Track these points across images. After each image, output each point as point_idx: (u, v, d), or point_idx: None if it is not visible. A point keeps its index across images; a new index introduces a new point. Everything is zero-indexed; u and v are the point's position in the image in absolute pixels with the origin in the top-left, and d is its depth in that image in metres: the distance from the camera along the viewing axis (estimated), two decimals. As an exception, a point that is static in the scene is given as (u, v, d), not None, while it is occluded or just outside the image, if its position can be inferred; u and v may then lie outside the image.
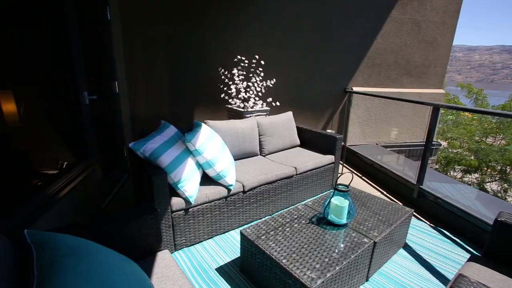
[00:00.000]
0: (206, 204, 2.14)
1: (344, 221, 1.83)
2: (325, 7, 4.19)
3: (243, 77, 3.62)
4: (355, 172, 3.93)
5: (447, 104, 3.30)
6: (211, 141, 2.24)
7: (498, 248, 1.44)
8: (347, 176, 3.32)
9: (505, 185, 7.78)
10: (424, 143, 2.89)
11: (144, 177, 1.96)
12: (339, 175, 3.09)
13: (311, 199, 2.46)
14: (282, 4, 3.96)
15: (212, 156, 2.16)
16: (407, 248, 2.19)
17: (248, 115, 3.36)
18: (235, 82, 3.58)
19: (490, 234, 1.46)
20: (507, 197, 7.64)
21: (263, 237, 1.71)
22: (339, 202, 1.81)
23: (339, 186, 1.85)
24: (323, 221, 1.91)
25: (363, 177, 3.76)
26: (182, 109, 3.90)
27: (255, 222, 2.16)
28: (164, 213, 1.92)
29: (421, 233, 2.40)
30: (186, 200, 2.02)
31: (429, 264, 2.01)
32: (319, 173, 2.94)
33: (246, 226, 2.37)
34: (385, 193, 3.29)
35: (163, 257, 1.40)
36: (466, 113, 9.62)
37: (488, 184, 8.13)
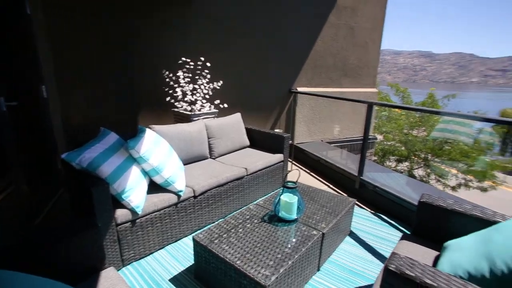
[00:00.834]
0: (155, 213, 2.03)
1: (294, 216, 1.91)
2: (271, 9, 4.33)
3: (189, 80, 3.52)
4: (304, 168, 4.13)
5: (379, 102, 3.67)
6: (157, 147, 2.13)
7: (422, 226, 1.65)
8: (295, 173, 3.47)
9: (428, 170, 8.98)
10: (362, 137, 3.17)
11: (83, 189, 1.78)
12: (287, 172, 3.21)
13: (262, 198, 2.50)
14: (226, 6, 3.97)
15: (158, 163, 2.06)
16: (352, 235, 2.37)
17: (196, 118, 3.29)
18: (181, 84, 3.47)
19: (416, 214, 1.67)
20: (429, 180, 8.83)
21: (216, 241, 1.69)
22: (289, 198, 1.88)
23: (288, 183, 1.92)
24: (274, 218, 1.96)
25: (311, 173, 3.97)
26: (124, 114, 3.63)
27: (208, 226, 2.13)
28: (107, 227, 1.77)
29: (363, 220, 2.63)
30: (133, 211, 1.89)
31: (371, 247, 2.22)
32: (269, 172, 3.02)
33: (199, 231, 2.31)
34: (331, 186, 3.53)
35: (107, 275, 1.28)
36: (396, 110, 10.83)
37: (416, 170, 9.28)
